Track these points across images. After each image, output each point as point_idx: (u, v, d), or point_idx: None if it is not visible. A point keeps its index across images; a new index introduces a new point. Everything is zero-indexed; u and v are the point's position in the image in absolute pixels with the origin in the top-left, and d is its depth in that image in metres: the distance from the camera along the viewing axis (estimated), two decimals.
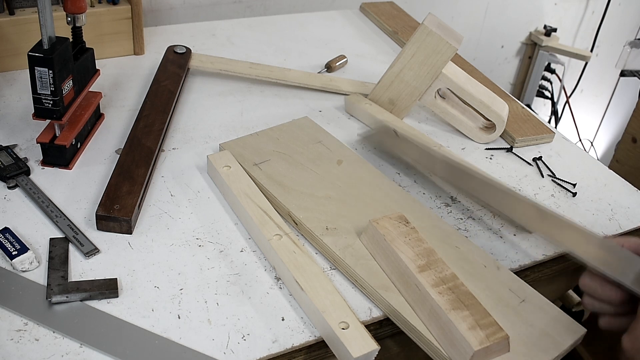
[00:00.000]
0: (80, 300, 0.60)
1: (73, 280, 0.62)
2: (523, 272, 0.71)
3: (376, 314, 0.63)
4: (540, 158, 0.91)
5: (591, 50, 1.89)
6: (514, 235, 0.75)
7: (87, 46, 0.81)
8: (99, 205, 0.69)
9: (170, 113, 0.87)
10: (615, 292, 0.55)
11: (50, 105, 0.72)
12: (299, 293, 0.62)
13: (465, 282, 0.63)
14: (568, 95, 1.88)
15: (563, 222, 0.64)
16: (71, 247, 0.66)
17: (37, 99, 0.72)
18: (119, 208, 0.68)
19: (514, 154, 0.91)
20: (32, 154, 0.78)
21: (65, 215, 0.69)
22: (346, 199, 0.75)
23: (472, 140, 0.93)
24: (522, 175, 0.87)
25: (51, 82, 0.71)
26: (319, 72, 1.05)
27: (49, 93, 0.71)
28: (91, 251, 0.65)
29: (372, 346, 0.57)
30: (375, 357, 0.64)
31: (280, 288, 0.65)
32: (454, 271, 0.63)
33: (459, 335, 0.56)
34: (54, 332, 0.57)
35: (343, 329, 0.58)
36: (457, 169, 0.76)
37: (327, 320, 0.58)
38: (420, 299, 0.61)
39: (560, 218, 0.65)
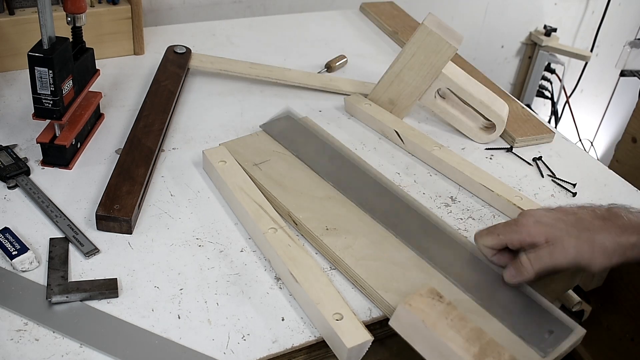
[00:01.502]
0: (80, 300, 0.60)
1: (73, 280, 0.62)
2: None
3: (376, 314, 0.63)
4: (540, 158, 0.91)
5: (591, 50, 1.89)
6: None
7: (87, 46, 0.81)
8: (99, 205, 0.69)
9: (170, 113, 0.87)
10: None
11: (50, 105, 0.72)
12: (294, 285, 0.63)
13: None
14: (568, 95, 1.88)
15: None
16: (71, 247, 0.66)
17: (37, 99, 0.72)
18: (119, 208, 0.68)
19: (514, 154, 0.91)
20: (32, 154, 0.78)
21: (65, 215, 0.69)
22: (346, 199, 0.75)
23: (472, 140, 0.93)
24: (522, 175, 0.87)
25: (51, 82, 0.71)
26: (319, 72, 1.05)
27: (49, 93, 0.71)
28: (91, 251, 0.65)
29: (366, 337, 0.58)
30: (375, 358, 0.64)
31: (280, 288, 0.65)
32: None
33: None
34: (54, 332, 0.57)
35: (337, 320, 0.58)
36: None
37: (322, 311, 0.59)
38: None
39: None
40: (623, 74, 1.92)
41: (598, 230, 0.62)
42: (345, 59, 1.09)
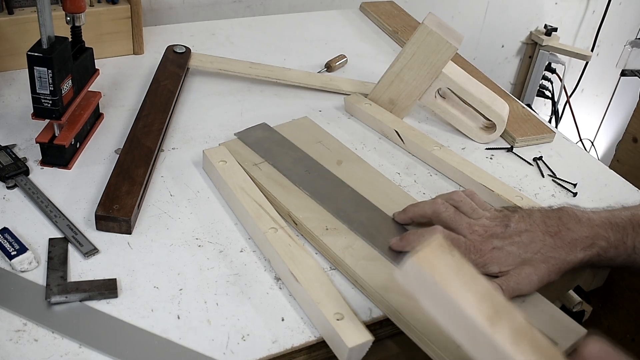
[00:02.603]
0: (80, 301, 0.60)
1: (72, 280, 0.62)
2: None
3: (376, 314, 0.63)
4: (540, 158, 0.91)
5: (592, 50, 1.88)
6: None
7: (86, 46, 0.81)
8: (98, 205, 0.69)
9: (170, 113, 0.87)
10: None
11: (49, 105, 0.72)
12: (294, 285, 0.62)
13: None
14: (568, 95, 1.88)
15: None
16: (70, 247, 0.66)
17: (36, 99, 0.72)
18: (118, 208, 0.68)
19: (515, 153, 0.91)
20: (31, 153, 0.78)
21: (64, 215, 0.69)
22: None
23: (472, 140, 0.93)
24: (522, 175, 0.86)
25: (50, 81, 0.71)
26: (318, 72, 1.05)
27: (48, 93, 0.71)
28: (90, 251, 0.65)
29: (367, 337, 0.57)
30: (375, 358, 0.64)
31: (280, 288, 0.64)
32: None
33: None
34: (53, 333, 0.57)
35: (338, 319, 0.58)
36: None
37: (322, 311, 0.59)
38: (497, 358, 0.46)
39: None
40: (624, 73, 1.92)
41: (549, 250, 0.64)
42: (345, 59, 1.09)
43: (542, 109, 1.96)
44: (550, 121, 1.88)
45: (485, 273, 0.64)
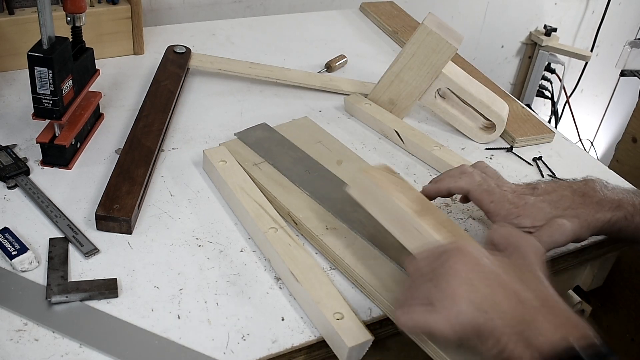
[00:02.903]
0: (80, 301, 0.60)
1: (73, 280, 0.62)
2: None
3: (376, 313, 0.63)
4: (540, 158, 0.91)
5: (591, 50, 1.89)
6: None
7: (86, 46, 0.81)
8: (98, 205, 0.69)
9: (170, 113, 0.87)
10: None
11: (49, 105, 0.72)
12: (294, 285, 0.63)
13: None
14: (568, 95, 1.88)
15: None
16: (71, 247, 0.66)
17: (36, 99, 0.72)
18: (118, 208, 0.68)
19: (514, 153, 0.91)
20: (31, 153, 0.78)
21: (64, 215, 0.69)
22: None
23: (472, 140, 0.93)
24: (522, 175, 0.87)
25: (51, 82, 0.71)
26: (318, 72, 1.05)
27: (49, 93, 0.71)
28: (91, 251, 0.65)
29: (367, 336, 0.58)
30: (375, 358, 0.64)
31: (280, 288, 0.64)
32: None
33: None
34: (53, 332, 0.57)
35: (338, 319, 0.58)
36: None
37: (322, 310, 0.59)
38: (421, 243, 0.60)
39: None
40: (623, 73, 1.92)
41: (578, 207, 0.65)
42: (345, 59, 1.09)
43: (541, 109, 1.96)
44: (549, 121, 1.88)
45: (520, 226, 0.65)
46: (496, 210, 0.66)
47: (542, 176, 0.87)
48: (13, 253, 0.63)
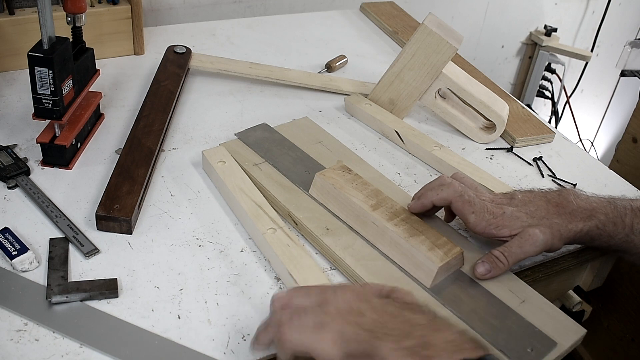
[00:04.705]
0: (80, 301, 0.60)
1: (73, 280, 0.62)
2: (523, 273, 0.71)
3: None
4: (540, 158, 0.91)
5: (591, 50, 1.89)
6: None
7: (87, 46, 0.81)
8: (98, 205, 0.69)
9: (170, 113, 0.87)
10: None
11: (50, 105, 0.72)
12: (293, 285, 0.63)
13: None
14: (568, 95, 1.88)
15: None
16: (71, 247, 0.66)
17: (37, 99, 0.72)
18: (118, 208, 0.68)
19: (514, 154, 0.91)
20: (32, 154, 0.78)
21: (65, 215, 0.69)
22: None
23: (472, 140, 0.93)
24: (522, 175, 0.87)
25: (51, 82, 0.71)
26: (319, 72, 1.05)
27: (49, 93, 0.71)
28: (91, 251, 0.65)
29: None
30: None
31: (281, 288, 0.64)
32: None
33: (421, 256, 0.64)
34: (53, 332, 0.57)
35: None
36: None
37: None
38: (379, 234, 0.67)
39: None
40: (623, 74, 1.92)
41: (552, 216, 0.67)
42: (345, 59, 1.09)
43: (542, 109, 1.96)
44: (550, 121, 1.88)
45: (498, 236, 0.67)
46: (476, 221, 0.67)
47: (543, 176, 0.87)
48: (13, 253, 0.63)
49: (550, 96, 1.86)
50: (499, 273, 0.66)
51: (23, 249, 0.63)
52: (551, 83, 1.84)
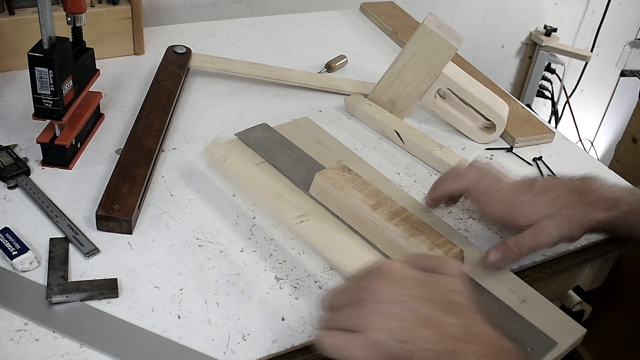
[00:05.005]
0: (80, 301, 0.60)
1: (73, 280, 0.62)
2: (523, 272, 0.71)
3: None
4: (540, 158, 0.91)
5: (591, 50, 1.89)
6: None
7: (87, 46, 0.81)
8: (99, 205, 0.69)
9: (170, 113, 0.87)
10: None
11: (50, 105, 0.72)
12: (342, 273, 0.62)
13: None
14: (568, 95, 1.88)
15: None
16: (71, 247, 0.66)
17: (37, 99, 0.72)
18: (119, 208, 0.68)
19: (514, 154, 0.91)
20: (32, 154, 0.78)
21: (65, 215, 0.69)
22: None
23: (472, 140, 0.93)
24: (522, 175, 0.87)
25: (51, 82, 0.71)
26: (319, 72, 1.05)
27: (49, 93, 0.71)
28: (91, 251, 0.65)
29: None
30: None
31: (281, 288, 0.65)
32: None
33: None
34: (54, 332, 0.57)
35: None
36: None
37: None
38: (379, 233, 0.67)
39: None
40: (623, 74, 1.92)
41: (573, 206, 0.65)
42: (345, 59, 1.09)
43: (541, 109, 1.96)
44: (550, 121, 1.88)
45: (515, 226, 0.67)
46: (492, 211, 0.68)
47: (543, 176, 0.87)
48: (13, 253, 0.63)
49: (550, 96, 1.86)
50: (511, 262, 0.66)
51: (23, 249, 0.63)
52: (551, 83, 1.84)
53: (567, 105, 1.88)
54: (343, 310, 0.52)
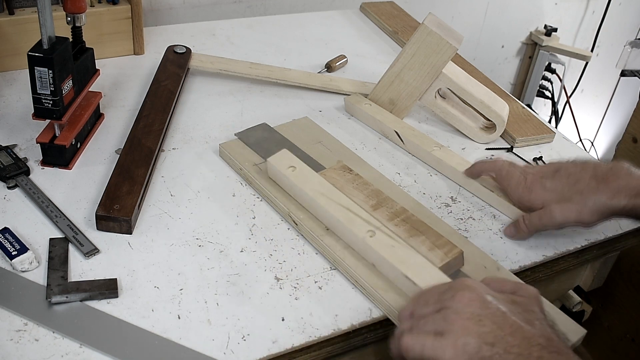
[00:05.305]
0: (80, 301, 0.60)
1: (73, 280, 0.62)
2: (523, 273, 0.71)
3: (376, 314, 0.63)
4: (540, 158, 0.91)
5: (591, 50, 1.89)
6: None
7: (87, 46, 0.81)
8: (98, 205, 0.69)
9: (170, 113, 0.87)
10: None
11: (50, 105, 0.72)
12: (412, 288, 0.61)
13: None
14: (568, 95, 1.88)
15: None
16: (71, 247, 0.66)
17: (36, 99, 0.72)
18: (118, 208, 0.68)
19: (515, 154, 0.91)
20: (31, 154, 0.78)
21: (65, 216, 0.69)
22: None
23: (472, 140, 0.93)
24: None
25: (51, 82, 0.71)
26: (319, 72, 1.05)
27: (49, 93, 0.71)
28: (91, 251, 0.65)
29: None
30: (375, 358, 0.64)
31: (281, 288, 0.65)
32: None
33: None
34: (53, 333, 0.57)
35: None
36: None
37: None
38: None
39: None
40: (623, 74, 1.92)
41: (590, 193, 0.67)
42: (345, 59, 1.09)
43: (542, 109, 1.96)
44: (550, 121, 1.88)
45: (532, 208, 0.72)
46: (511, 193, 0.74)
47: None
48: (13, 253, 0.63)
49: (550, 96, 1.86)
50: (522, 238, 0.73)
51: (23, 249, 0.63)
52: (551, 83, 1.84)
53: (567, 105, 1.88)
54: (428, 316, 0.53)
